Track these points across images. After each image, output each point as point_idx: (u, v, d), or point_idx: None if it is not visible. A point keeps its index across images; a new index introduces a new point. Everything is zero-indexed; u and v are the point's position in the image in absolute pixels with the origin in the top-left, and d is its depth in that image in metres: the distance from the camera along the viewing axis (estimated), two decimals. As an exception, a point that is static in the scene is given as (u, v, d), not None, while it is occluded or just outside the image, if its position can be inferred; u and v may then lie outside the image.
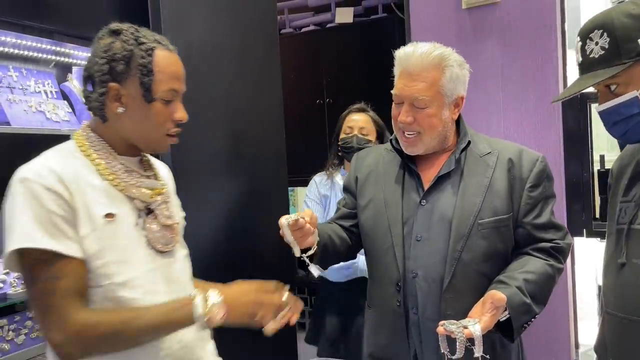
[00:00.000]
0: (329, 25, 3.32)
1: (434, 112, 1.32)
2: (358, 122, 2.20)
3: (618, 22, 0.92)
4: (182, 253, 1.18)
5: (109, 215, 1.01)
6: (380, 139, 2.21)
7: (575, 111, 2.38)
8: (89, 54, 1.07)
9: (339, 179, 2.23)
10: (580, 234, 2.39)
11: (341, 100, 3.21)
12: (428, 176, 1.38)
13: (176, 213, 1.18)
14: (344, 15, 3.22)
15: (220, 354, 1.23)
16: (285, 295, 1.06)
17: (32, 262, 0.95)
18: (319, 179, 2.32)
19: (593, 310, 2.37)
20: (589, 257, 2.30)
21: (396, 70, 1.36)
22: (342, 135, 2.23)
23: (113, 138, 1.08)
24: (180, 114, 1.08)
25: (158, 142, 1.10)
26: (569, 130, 2.16)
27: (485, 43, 2.03)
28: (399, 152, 1.42)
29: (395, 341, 1.38)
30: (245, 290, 1.03)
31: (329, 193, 2.27)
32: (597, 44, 0.95)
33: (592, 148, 2.43)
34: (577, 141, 2.37)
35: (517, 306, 1.20)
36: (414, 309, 1.33)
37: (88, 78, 1.06)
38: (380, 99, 2.92)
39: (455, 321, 1.14)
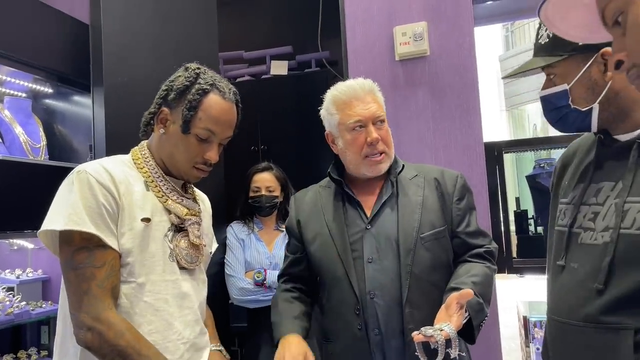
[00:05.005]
0: (263, 77, 3.45)
1: (388, 128, 1.46)
2: (264, 181, 2.48)
3: None
4: (202, 276, 1.25)
5: (145, 220, 1.10)
6: (285, 191, 2.50)
7: (491, 159, 2.64)
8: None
9: (251, 225, 2.52)
10: (502, 271, 2.59)
11: (275, 147, 3.30)
12: (367, 202, 1.46)
13: (205, 239, 1.27)
14: (279, 68, 3.36)
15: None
16: None
17: (76, 246, 1.01)
18: (235, 226, 2.55)
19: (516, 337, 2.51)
20: (510, 292, 2.49)
21: (342, 103, 1.44)
22: (250, 194, 2.49)
23: (157, 158, 1.19)
24: (211, 154, 1.18)
25: (185, 171, 1.18)
26: (488, 175, 2.39)
27: (416, 91, 2.23)
28: (339, 182, 1.49)
29: None
30: None
31: (245, 237, 2.51)
32: (546, 30, 1.01)
33: (506, 191, 2.69)
34: (494, 185, 2.62)
35: (474, 305, 1.28)
36: (376, 330, 1.35)
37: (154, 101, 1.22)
38: (311, 146, 3.07)
39: (429, 327, 1.16)
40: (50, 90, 2.21)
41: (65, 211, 1.02)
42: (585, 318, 0.93)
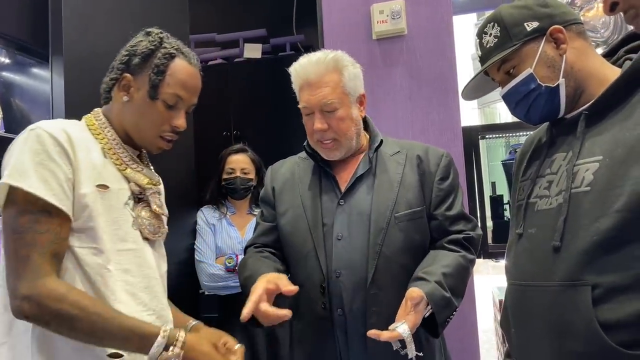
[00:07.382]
0: (236, 60, 3.36)
1: (345, 114, 1.35)
2: (239, 163, 2.39)
3: (505, 12, 1.04)
4: (162, 251, 1.19)
5: (101, 186, 1.03)
6: (259, 175, 2.40)
7: (467, 143, 2.62)
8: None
9: (223, 209, 2.41)
10: (478, 256, 2.57)
11: (248, 132, 3.22)
12: (343, 177, 1.41)
13: (165, 210, 1.21)
14: (252, 51, 3.28)
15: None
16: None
17: (19, 207, 0.94)
18: (206, 210, 2.45)
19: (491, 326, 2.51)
20: (486, 276, 2.49)
21: (296, 85, 1.38)
22: (224, 176, 2.39)
23: (118, 126, 1.13)
24: (179, 121, 1.13)
25: (150, 141, 1.13)
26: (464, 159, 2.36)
27: (393, 70, 2.18)
28: (314, 156, 1.44)
29: (322, 347, 1.33)
30: (206, 350, 1.03)
31: (216, 222, 2.40)
32: (490, 35, 1.06)
33: (482, 175, 2.68)
34: (470, 169, 2.60)
35: (438, 301, 1.22)
36: (339, 310, 1.31)
37: (111, 67, 1.15)
38: (284, 131, 3.00)
39: (385, 330, 1.15)
40: (8, 61, 2.08)
41: (13, 166, 0.96)
42: (545, 277, 0.96)
